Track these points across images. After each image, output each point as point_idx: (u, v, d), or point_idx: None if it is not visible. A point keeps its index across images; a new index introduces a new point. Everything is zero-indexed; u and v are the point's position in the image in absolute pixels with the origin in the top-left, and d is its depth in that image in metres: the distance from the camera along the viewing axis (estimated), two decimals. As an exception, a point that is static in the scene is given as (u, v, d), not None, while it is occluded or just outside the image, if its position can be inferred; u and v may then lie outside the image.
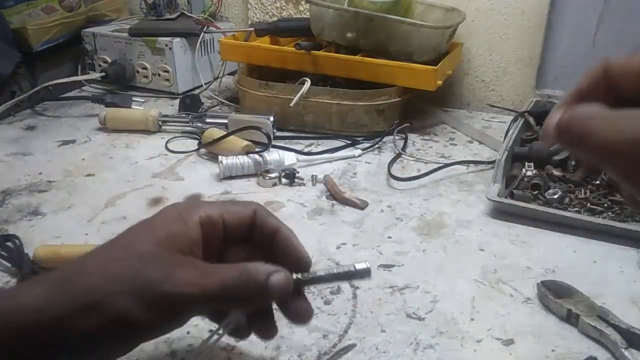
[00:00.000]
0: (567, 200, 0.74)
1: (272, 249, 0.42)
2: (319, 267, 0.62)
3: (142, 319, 0.35)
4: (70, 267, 0.37)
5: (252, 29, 1.09)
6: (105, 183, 0.81)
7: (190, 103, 1.05)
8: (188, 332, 0.52)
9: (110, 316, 0.35)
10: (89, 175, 0.84)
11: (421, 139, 0.97)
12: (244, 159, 0.82)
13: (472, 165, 0.86)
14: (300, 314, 0.41)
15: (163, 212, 0.40)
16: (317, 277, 0.42)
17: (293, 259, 0.42)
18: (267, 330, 0.43)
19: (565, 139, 0.28)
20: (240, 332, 0.43)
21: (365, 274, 0.43)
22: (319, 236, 0.68)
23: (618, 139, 0.26)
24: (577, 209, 0.72)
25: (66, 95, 1.14)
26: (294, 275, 0.40)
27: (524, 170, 0.78)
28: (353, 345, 0.51)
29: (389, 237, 0.68)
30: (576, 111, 0.28)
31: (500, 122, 1.04)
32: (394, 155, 0.89)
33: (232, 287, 0.37)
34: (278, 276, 0.38)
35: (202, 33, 1.15)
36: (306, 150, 0.92)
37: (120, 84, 1.17)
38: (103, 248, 0.39)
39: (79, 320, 0.34)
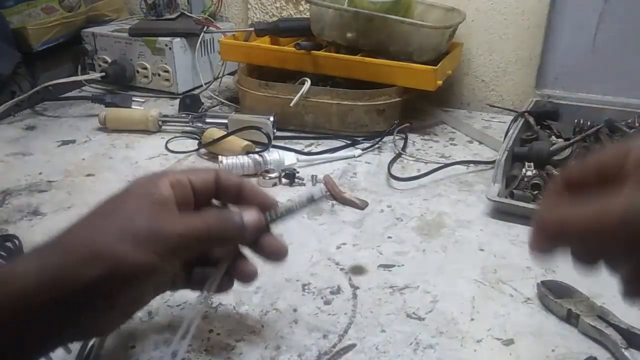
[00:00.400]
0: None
1: (240, 202, 0.46)
2: (319, 267, 0.62)
3: (140, 261, 0.37)
4: (60, 233, 0.39)
5: (252, 29, 1.09)
6: (105, 183, 0.81)
7: (190, 103, 1.05)
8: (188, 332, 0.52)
9: (110, 263, 0.36)
10: (89, 175, 0.84)
11: (421, 139, 0.97)
12: (244, 159, 0.82)
13: (472, 165, 0.86)
14: (275, 250, 0.46)
15: (133, 182, 0.43)
16: (283, 209, 0.46)
17: (260, 204, 0.46)
18: (248, 273, 0.47)
19: (549, 234, 0.33)
20: (223, 285, 0.47)
21: (320, 195, 0.48)
22: (319, 236, 0.68)
23: (604, 216, 0.29)
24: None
25: (66, 95, 1.15)
26: (265, 214, 0.45)
27: (524, 170, 0.78)
28: (353, 345, 0.51)
29: (389, 237, 0.68)
30: (554, 209, 0.33)
31: (500, 122, 1.04)
32: (394, 155, 0.89)
33: (215, 226, 0.42)
34: (251, 212, 0.44)
35: (202, 33, 1.15)
36: (306, 150, 0.92)
37: (120, 84, 1.17)
38: (87, 214, 0.41)
39: (81, 272, 0.36)
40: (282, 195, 0.78)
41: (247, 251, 0.47)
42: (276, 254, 0.46)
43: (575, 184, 0.34)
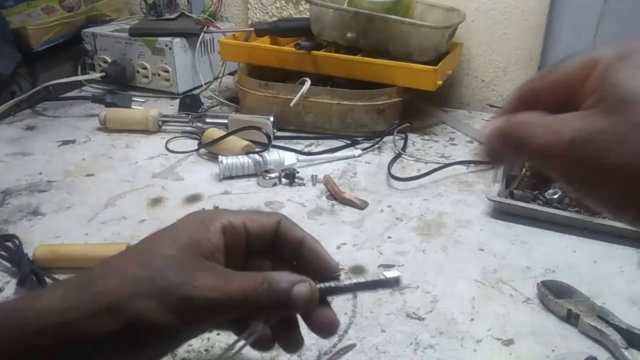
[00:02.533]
0: (567, 200, 0.73)
1: (298, 260, 0.41)
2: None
3: (161, 322, 0.34)
4: (91, 271, 0.37)
5: (252, 29, 1.09)
6: (105, 183, 0.81)
7: (190, 103, 1.05)
8: (188, 332, 0.52)
9: (130, 318, 0.34)
10: (89, 175, 0.84)
11: (421, 139, 0.97)
12: (244, 159, 0.82)
13: (472, 165, 0.86)
14: (325, 325, 0.40)
15: (185, 219, 0.40)
16: (343, 286, 0.40)
17: (320, 269, 0.40)
18: (292, 342, 0.41)
19: (509, 144, 0.29)
20: (263, 344, 0.42)
21: (394, 283, 0.40)
22: (319, 236, 0.67)
23: (555, 139, 0.27)
24: (577, 209, 0.72)
25: (66, 95, 1.14)
26: (319, 285, 0.39)
27: (524, 170, 0.78)
28: (353, 345, 0.51)
29: (389, 237, 0.68)
30: (517, 117, 0.29)
31: (500, 122, 1.04)
32: (394, 155, 0.89)
33: (254, 295, 0.36)
34: (302, 286, 0.37)
35: (202, 33, 1.15)
36: (306, 150, 0.92)
37: (120, 84, 1.17)
38: (124, 252, 0.39)
39: (98, 323, 0.34)
40: (282, 195, 0.78)
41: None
42: (325, 329, 0.40)
43: (537, 97, 0.31)
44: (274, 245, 0.41)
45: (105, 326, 0.34)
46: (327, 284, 0.39)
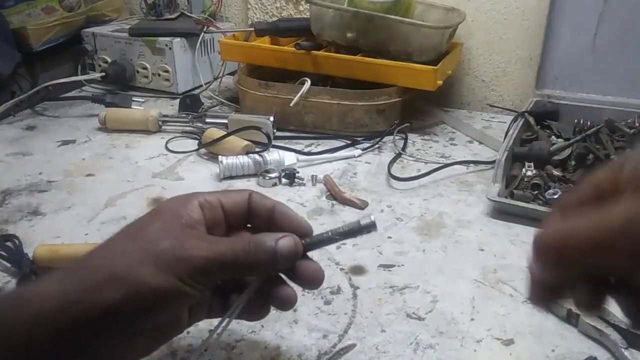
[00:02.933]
0: (567, 200, 0.73)
1: (272, 228, 0.43)
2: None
3: (162, 284, 0.36)
4: (84, 256, 0.39)
5: (252, 29, 1.09)
6: (105, 183, 0.81)
7: (190, 103, 1.05)
8: (188, 332, 0.52)
9: (131, 286, 0.35)
10: (89, 175, 0.84)
11: (421, 139, 0.97)
12: (244, 159, 0.82)
13: (472, 165, 0.86)
14: (312, 277, 0.42)
15: (164, 202, 0.43)
16: (322, 238, 0.43)
17: (294, 229, 0.42)
18: (286, 298, 0.43)
19: (548, 259, 0.30)
20: (257, 311, 0.44)
21: (371, 227, 0.42)
22: (319, 236, 0.68)
23: (603, 229, 0.27)
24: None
25: (66, 95, 1.14)
26: (303, 240, 0.42)
27: (524, 170, 0.78)
28: (353, 345, 0.51)
29: (389, 237, 0.68)
30: (546, 229, 0.30)
31: (500, 122, 1.04)
32: (394, 155, 0.89)
33: (243, 253, 0.39)
34: (286, 239, 0.40)
35: (202, 33, 1.15)
36: (306, 150, 0.92)
37: (120, 84, 1.17)
38: (112, 236, 0.40)
39: (99, 296, 0.35)
40: (282, 195, 0.78)
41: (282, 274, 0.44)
42: (311, 281, 0.42)
43: (574, 207, 0.31)
44: (249, 219, 0.44)
45: (107, 298, 0.35)
46: (306, 239, 0.42)
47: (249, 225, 0.44)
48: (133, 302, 0.35)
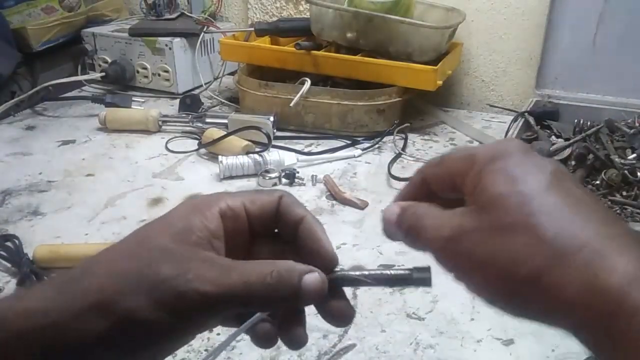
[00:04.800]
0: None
1: (296, 242, 0.38)
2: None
3: (152, 320, 0.32)
4: (79, 267, 0.35)
5: (252, 29, 1.09)
6: (105, 183, 0.81)
7: (190, 103, 1.05)
8: (188, 332, 0.52)
9: (119, 317, 0.32)
10: (89, 175, 0.84)
11: (421, 139, 0.97)
12: (244, 159, 0.82)
13: (472, 165, 0.86)
14: (340, 315, 0.37)
15: (180, 205, 0.37)
16: (356, 277, 0.36)
17: (315, 253, 0.37)
18: (296, 338, 0.38)
19: (402, 231, 0.35)
20: (266, 339, 0.38)
21: (424, 282, 0.37)
22: (319, 236, 0.68)
23: (436, 236, 0.31)
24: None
25: (66, 95, 1.14)
26: (334, 274, 0.36)
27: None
28: (353, 345, 0.51)
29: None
30: (411, 208, 0.34)
31: (500, 122, 1.04)
32: (394, 155, 0.89)
33: (259, 287, 0.33)
34: (312, 277, 0.34)
35: (202, 33, 1.15)
36: (306, 150, 0.92)
37: (120, 84, 1.17)
38: (115, 245, 0.36)
39: (85, 323, 0.32)
40: (282, 195, 0.78)
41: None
42: (339, 319, 0.37)
43: (429, 184, 0.35)
44: (277, 224, 0.38)
45: (93, 326, 0.31)
46: (339, 273, 0.36)
47: (276, 230, 0.39)
48: (121, 333, 0.32)
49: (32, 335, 0.31)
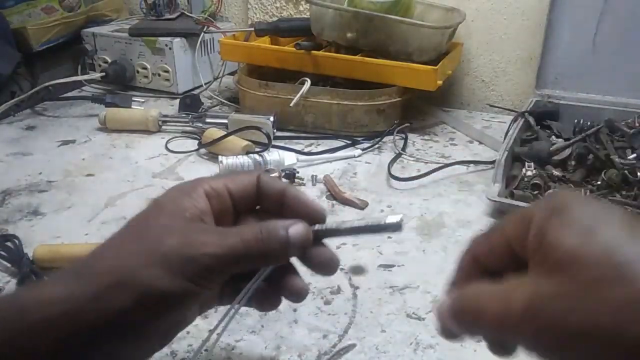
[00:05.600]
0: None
1: (283, 212, 0.41)
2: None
3: (171, 287, 0.34)
4: (89, 256, 0.37)
5: (252, 29, 1.09)
6: (105, 183, 0.81)
7: (190, 103, 1.05)
8: (188, 332, 0.52)
9: (139, 290, 0.34)
10: (89, 175, 0.84)
11: (421, 139, 0.97)
12: (244, 159, 0.82)
13: (472, 165, 0.86)
14: (326, 263, 0.40)
15: (166, 191, 0.40)
16: (337, 228, 0.40)
17: (306, 214, 0.40)
18: (297, 289, 0.41)
19: (462, 322, 0.30)
20: (268, 302, 0.42)
21: (395, 227, 0.39)
22: (319, 236, 0.68)
23: (506, 310, 0.27)
24: None
25: (66, 95, 1.14)
26: (315, 227, 0.40)
27: (524, 170, 0.78)
28: (353, 345, 0.51)
29: (389, 237, 0.68)
30: (466, 291, 0.30)
31: (500, 122, 1.04)
32: (394, 155, 0.89)
33: (254, 243, 0.36)
34: (297, 227, 0.38)
35: (202, 33, 1.15)
36: (306, 150, 0.92)
37: (120, 84, 1.17)
38: (116, 233, 0.38)
39: (106, 303, 0.33)
40: (282, 195, 0.78)
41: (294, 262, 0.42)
42: (326, 266, 0.40)
43: (483, 262, 0.32)
44: (259, 201, 0.41)
45: (114, 304, 0.33)
46: (320, 226, 0.40)
47: (257, 207, 0.42)
48: (142, 306, 0.34)
49: (54, 322, 0.33)
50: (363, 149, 0.91)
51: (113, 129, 0.98)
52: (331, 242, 0.66)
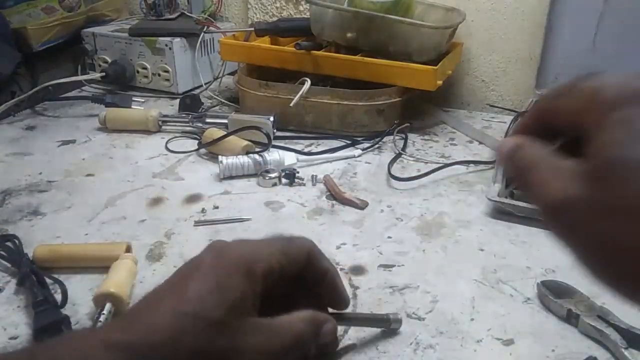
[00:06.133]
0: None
1: (316, 289, 0.44)
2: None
3: None
4: (143, 303, 0.37)
5: (252, 29, 1.09)
6: (105, 183, 0.81)
7: (190, 103, 1.05)
8: (188, 332, 0.52)
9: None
10: (89, 175, 0.84)
11: (421, 139, 0.97)
12: (244, 159, 0.82)
13: (472, 165, 0.86)
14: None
15: (226, 257, 0.39)
16: (352, 318, 0.51)
17: (335, 299, 0.45)
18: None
19: (513, 167, 0.30)
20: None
21: (396, 323, 0.52)
22: (319, 236, 0.68)
23: (541, 196, 0.27)
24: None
25: (66, 95, 1.14)
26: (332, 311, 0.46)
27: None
28: (353, 345, 0.51)
29: (389, 237, 0.68)
30: (527, 150, 0.29)
31: (500, 122, 1.04)
32: (394, 155, 0.89)
33: (294, 346, 0.38)
34: (329, 326, 0.41)
35: (202, 33, 1.15)
36: (306, 150, 0.92)
37: (120, 84, 1.17)
38: (164, 303, 0.37)
39: (163, 353, 0.34)
40: (282, 195, 0.78)
41: None
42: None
43: (548, 120, 0.30)
44: (302, 273, 0.43)
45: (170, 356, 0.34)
46: (339, 313, 0.46)
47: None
48: None
49: None
50: (363, 149, 0.91)
51: (113, 129, 0.98)
52: (331, 242, 0.66)
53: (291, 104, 0.92)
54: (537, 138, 0.29)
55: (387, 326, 0.51)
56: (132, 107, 1.06)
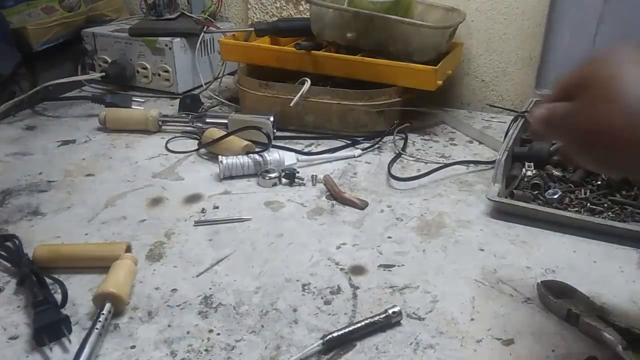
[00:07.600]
0: (567, 200, 0.74)
1: None
2: (319, 267, 0.62)
3: None
4: None
5: (252, 29, 1.09)
6: (105, 183, 0.81)
7: (190, 103, 1.05)
8: (188, 332, 0.52)
9: None
10: (89, 175, 0.84)
11: (421, 139, 0.97)
12: (244, 159, 0.82)
13: (472, 165, 0.86)
14: None
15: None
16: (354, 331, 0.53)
17: None
18: None
19: (546, 124, 0.43)
20: None
21: (397, 316, 0.54)
22: (319, 236, 0.68)
23: (553, 115, 0.43)
24: (577, 209, 0.72)
25: (66, 95, 1.15)
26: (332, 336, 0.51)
27: (524, 170, 0.78)
28: (353, 346, 0.51)
29: (389, 237, 0.68)
30: (553, 105, 0.44)
31: (500, 122, 1.04)
32: (394, 155, 0.89)
33: None
34: None
35: (202, 33, 1.15)
36: (306, 150, 0.92)
37: (120, 84, 1.17)
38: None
39: None
40: (282, 195, 0.78)
41: None
42: None
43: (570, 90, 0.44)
44: None
45: None
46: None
47: None
48: None
49: None
50: (363, 149, 0.91)
51: (113, 129, 0.98)
52: (331, 242, 0.66)
53: (291, 104, 0.92)
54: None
55: (387, 324, 0.52)
56: (132, 107, 1.06)
